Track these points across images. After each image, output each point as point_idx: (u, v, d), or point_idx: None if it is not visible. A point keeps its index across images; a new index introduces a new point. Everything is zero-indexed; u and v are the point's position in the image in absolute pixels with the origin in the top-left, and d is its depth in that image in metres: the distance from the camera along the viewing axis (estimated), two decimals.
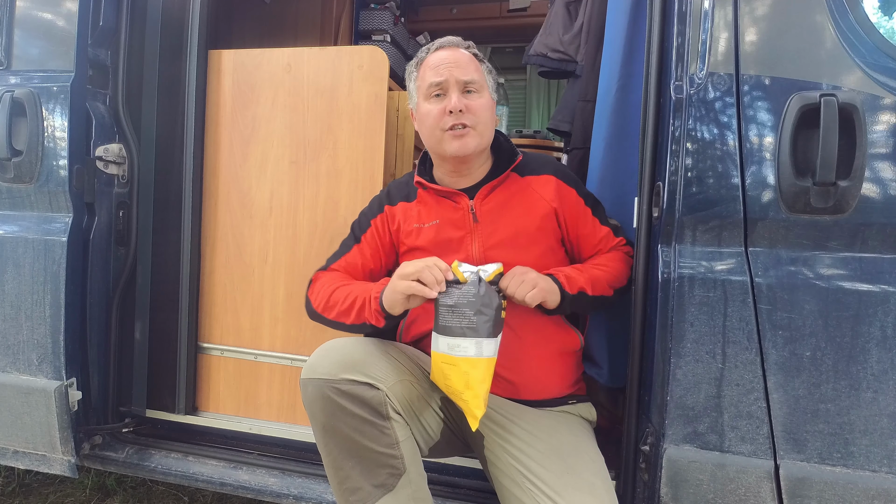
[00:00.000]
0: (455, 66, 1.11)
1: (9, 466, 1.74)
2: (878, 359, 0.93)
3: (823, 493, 0.94)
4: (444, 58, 1.12)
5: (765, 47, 0.99)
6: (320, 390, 0.97)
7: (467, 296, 0.96)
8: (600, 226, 1.18)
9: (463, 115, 1.08)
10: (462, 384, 0.96)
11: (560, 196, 1.16)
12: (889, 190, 0.93)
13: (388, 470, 0.99)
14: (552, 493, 0.94)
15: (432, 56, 1.14)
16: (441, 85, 1.10)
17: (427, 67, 1.14)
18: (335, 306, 1.10)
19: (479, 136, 1.11)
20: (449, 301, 0.97)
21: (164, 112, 1.50)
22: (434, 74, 1.11)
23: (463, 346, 0.95)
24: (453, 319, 0.96)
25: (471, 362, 0.95)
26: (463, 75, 1.10)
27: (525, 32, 2.93)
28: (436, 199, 1.18)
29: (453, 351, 0.96)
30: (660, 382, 1.03)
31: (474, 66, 1.13)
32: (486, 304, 0.96)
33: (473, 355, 0.95)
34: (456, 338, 0.96)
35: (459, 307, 0.96)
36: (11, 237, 1.37)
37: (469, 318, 0.95)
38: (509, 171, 1.17)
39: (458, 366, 0.95)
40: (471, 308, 0.95)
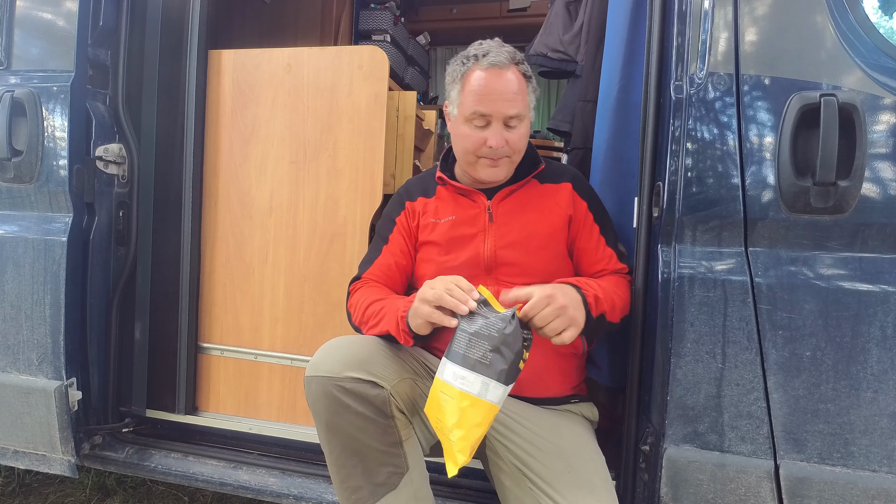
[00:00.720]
0: (502, 98, 1.06)
1: (9, 466, 1.74)
2: (878, 359, 0.93)
3: (823, 493, 0.94)
4: (493, 87, 1.06)
5: (765, 47, 0.99)
6: (324, 388, 0.97)
7: (491, 328, 0.88)
8: (605, 246, 1.16)
9: (503, 150, 1.09)
10: (454, 420, 0.87)
11: (573, 205, 1.17)
12: (889, 190, 0.93)
13: (390, 469, 0.99)
14: (553, 492, 0.94)
15: (480, 74, 1.07)
16: (485, 117, 1.08)
17: (473, 89, 1.08)
18: (369, 322, 1.09)
19: (512, 164, 1.14)
20: (470, 327, 0.89)
21: (164, 112, 1.50)
22: (478, 103, 1.07)
23: (469, 379, 0.87)
24: (468, 348, 0.88)
25: (471, 400, 0.86)
26: (509, 110, 1.07)
27: (525, 32, 2.93)
28: (454, 195, 1.19)
29: (457, 382, 0.87)
30: (660, 382, 1.03)
31: (521, 93, 1.09)
32: (507, 343, 0.88)
33: (476, 394, 0.86)
34: (464, 369, 0.87)
35: (479, 337, 0.88)
36: (11, 237, 1.37)
37: (485, 351, 0.87)
38: (531, 178, 1.18)
39: (456, 399, 0.87)
40: (490, 342, 0.87)
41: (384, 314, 1.06)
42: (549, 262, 1.14)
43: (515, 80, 1.08)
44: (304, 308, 1.50)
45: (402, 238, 1.22)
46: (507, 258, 1.13)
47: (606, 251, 1.16)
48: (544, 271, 1.13)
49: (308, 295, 1.50)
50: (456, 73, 1.13)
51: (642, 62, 1.13)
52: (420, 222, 1.21)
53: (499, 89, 1.07)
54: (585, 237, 1.16)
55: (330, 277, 1.48)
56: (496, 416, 0.91)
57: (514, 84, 1.08)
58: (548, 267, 1.13)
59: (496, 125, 1.08)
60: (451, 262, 1.15)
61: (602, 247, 1.16)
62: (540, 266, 1.13)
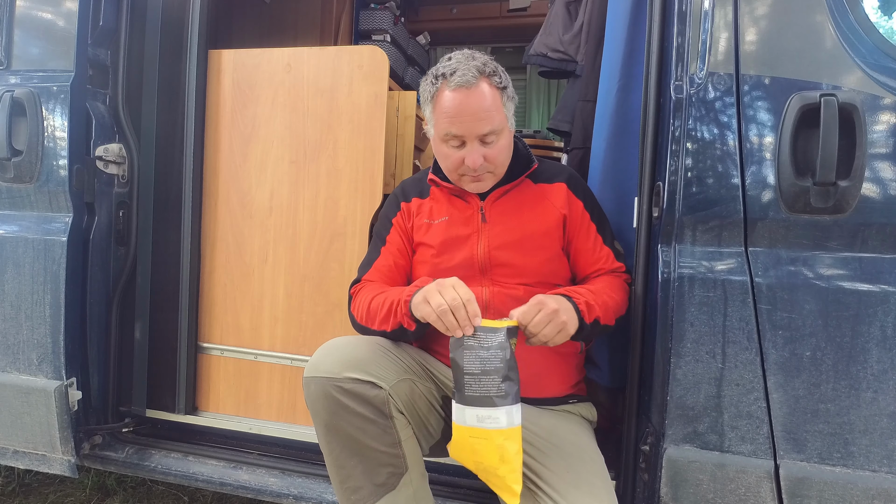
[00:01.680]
0: (474, 118, 1.04)
1: (9, 466, 1.74)
2: (878, 359, 0.93)
3: (823, 493, 0.94)
4: (463, 106, 1.03)
5: (765, 47, 0.99)
6: (323, 389, 0.97)
7: (494, 361, 0.88)
8: (602, 245, 1.16)
9: (483, 166, 1.08)
10: (496, 459, 0.87)
11: (569, 205, 1.16)
12: (889, 190, 0.93)
13: (389, 469, 0.99)
14: (552, 492, 0.94)
15: (450, 95, 1.04)
16: (458, 137, 1.07)
17: (444, 110, 1.06)
18: (375, 317, 1.08)
19: (495, 177, 1.13)
20: (474, 368, 0.88)
21: (164, 112, 1.50)
22: (450, 125, 1.05)
23: (494, 416, 0.87)
24: (481, 388, 0.88)
25: (504, 434, 0.87)
26: (482, 128, 1.04)
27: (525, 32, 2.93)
28: (448, 196, 1.19)
29: (484, 423, 0.87)
30: (660, 382, 1.03)
31: (495, 106, 1.05)
32: (511, 366, 0.89)
33: (506, 426, 0.87)
34: (486, 408, 0.87)
35: (487, 374, 0.88)
36: (11, 237, 1.37)
37: (498, 385, 0.87)
38: (524, 178, 1.17)
39: (491, 439, 0.87)
40: (499, 375, 0.87)
41: (389, 301, 1.06)
42: (544, 262, 1.14)
43: (488, 95, 1.04)
44: (304, 308, 1.50)
45: (399, 238, 1.22)
46: (502, 259, 1.13)
47: (603, 250, 1.16)
48: (539, 272, 1.12)
49: (308, 295, 1.50)
50: (427, 94, 1.10)
51: (642, 62, 1.13)
52: (415, 223, 1.21)
53: (469, 109, 1.03)
54: (583, 237, 1.16)
55: (330, 277, 1.48)
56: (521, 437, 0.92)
57: (487, 99, 1.04)
58: (543, 267, 1.13)
59: (472, 144, 1.06)
60: (445, 263, 1.15)
61: (599, 246, 1.16)
62: (535, 266, 1.12)
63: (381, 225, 1.25)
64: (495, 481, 0.90)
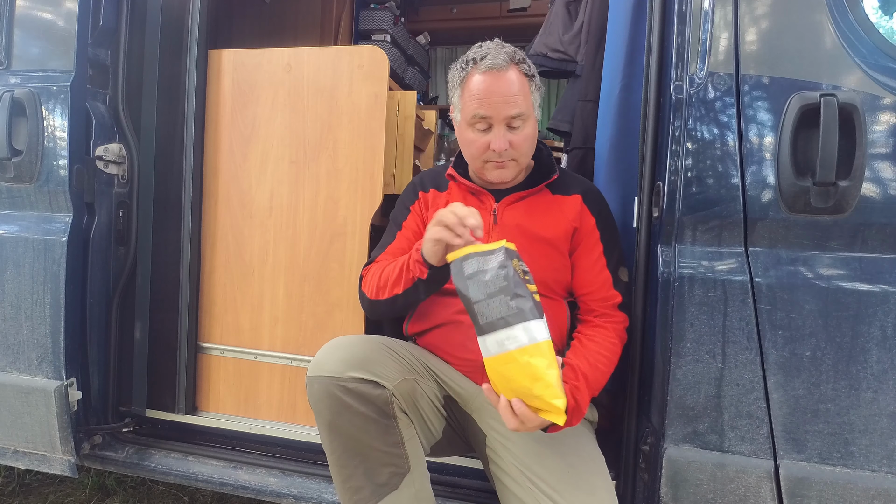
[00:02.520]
0: (503, 100, 1.05)
1: (9, 466, 1.74)
2: (878, 359, 0.93)
3: (823, 493, 0.94)
4: (493, 88, 1.05)
5: (765, 47, 0.99)
6: (326, 388, 0.97)
7: (497, 282, 0.86)
8: (603, 267, 1.14)
9: (507, 153, 1.08)
10: (529, 379, 0.85)
11: (581, 218, 1.15)
12: (889, 190, 0.93)
13: (391, 469, 0.99)
14: (552, 492, 0.94)
15: (479, 78, 1.06)
16: (486, 120, 1.07)
17: (472, 92, 1.07)
18: (387, 283, 1.08)
19: (519, 166, 1.13)
20: (481, 295, 0.87)
21: (164, 112, 1.50)
22: (479, 106, 1.06)
23: (512, 335, 0.85)
24: (492, 313, 0.86)
25: (528, 350, 0.84)
26: (510, 111, 1.05)
27: (525, 32, 2.93)
28: (464, 193, 1.20)
29: (504, 346, 0.85)
30: (660, 382, 1.03)
31: (524, 92, 1.07)
32: (518, 283, 0.86)
33: (528, 342, 0.84)
34: (502, 330, 0.85)
35: (494, 296, 0.86)
36: (11, 237, 1.37)
37: (507, 304, 0.85)
38: (542, 186, 1.17)
39: (516, 360, 0.85)
40: (506, 294, 0.86)
41: (400, 263, 1.06)
42: (549, 271, 1.13)
43: (516, 81, 1.07)
44: (304, 308, 1.50)
45: (416, 224, 1.22)
46: None
47: (602, 274, 1.13)
48: (543, 279, 1.12)
49: (308, 295, 1.50)
50: (456, 79, 1.12)
51: (644, 62, 1.13)
52: (430, 214, 1.20)
53: (498, 91, 1.05)
54: (585, 252, 1.14)
55: (330, 277, 1.48)
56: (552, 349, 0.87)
57: (515, 84, 1.06)
58: (547, 276, 1.12)
59: (498, 128, 1.07)
60: None
61: (599, 268, 1.13)
62: (540, 274, 1.12)
63: (397, 211, 1.26)
64: (537, 403, 0.86)
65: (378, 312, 1.15)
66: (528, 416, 0.87)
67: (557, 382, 0.85)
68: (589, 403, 1.01)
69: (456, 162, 1.23)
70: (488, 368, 0.89)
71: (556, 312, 1.13)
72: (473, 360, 1.10)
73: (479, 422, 1.09)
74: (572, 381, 0.98)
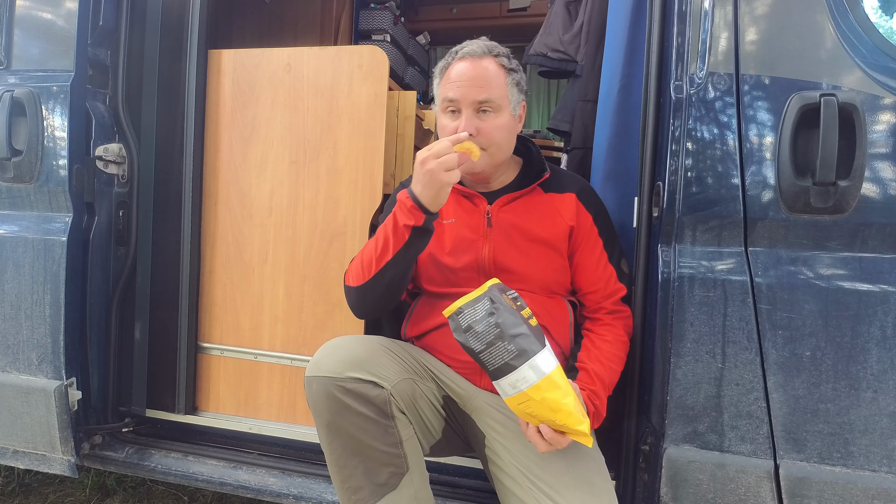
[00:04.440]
0: (472, 84, 1.06)
1: (9, 466, 1.74)
2: (878, 359, 0.93)
3: (823, 493, 0.94)
4: (464, 72, 1.07)
5: (765, 47, 0.99)
6: (325, 388, 0.97)
7: (491, 330, 0.88)
8: (607, 263, 1.14)
9: (473, 138, 1.07)
10: (549, 412, 0.88)
11: (577, 217, 1.15)
12: (889, 190, 0.93)
13: (391, 469, 0.99)
14: (552, 492, 0.94)
15: (455, 66, 1.09)
16: (454, 102, 1.08)
17: (447, 78, 1.10)
18: (371, 258, 1.06)
19: (488, 157, 1.10)
20: (480, 345, 0.89)
21: (164, 112, 1.50)
22: (448, 89, 1.08)
23: (522, 376, 0.87)
24: (496, 360, 0.88)
25: (541, 387, 0.87)
26: (478, 95, 1.06)
27: (525, 32, 2.93)
28: (456, 197, 1.18)
29: (517, 388, 0.88)
30: (660, 382, 1.03)
31: (497, 80, 1.08)
32: (512, 324, 0.88)
33: (537, 379, 0.87)
34: (511, 374, 0.88)
35: (493, 344, 0.88)
36: (11, 237, 1.37)
37: (507, 349, 0.87)
38: (534, 186, 1.16)
39: (532, 398, 0.88)
40: (502, 339, 0.88)
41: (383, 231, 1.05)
42: (548, 271, 1.13)
43: (491, 69, 1.08)
44: (304, 308, 1.50)
45: None
46: (506, 265, 1.12)
47: (607, 269, 1.14)
48: (542, 280, 1.12)
49: (308, 295, 1.50)
50: (438, 70, 1.15)
51: (643, 62, 1.13)
52: None
53: (469, 75, 1.07)
54: (587, 251, 1.14)
55: (330, 277, 1.48)
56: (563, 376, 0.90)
57: (488, 72, 1.07)
58: (546, 276, 1.12)
59: (466, 112, 1.07)
60: (453, 263, 1.14)
61: (603, 264, 1.14)
62: (537, 275, 1.12)
63: (386, 213, 1.24)
64: (565, 430, 0.90)
65: (364, 301, 1.12)
66: (556, 440, 0.91)
67: (576, 408, 0.89)
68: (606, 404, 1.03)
69: None
70: (511, 407, 0.92)
71: (559, 311, 1.13)
72: (471, 362, 1.10)
73: (479, 422, 1.09)
74: (589, 386, 1.00)
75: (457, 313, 0.91)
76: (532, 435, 0.93)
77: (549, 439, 0.91)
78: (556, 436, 0.91)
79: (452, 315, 0.91)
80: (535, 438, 0.93)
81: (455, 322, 0.91)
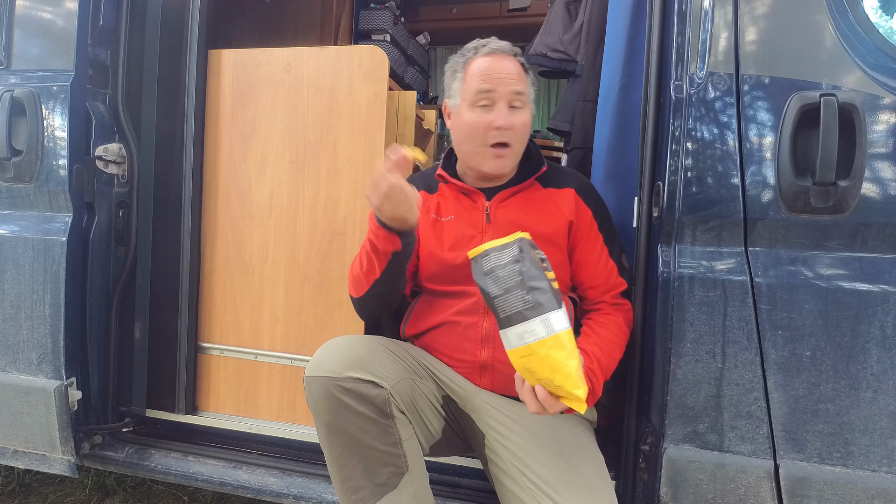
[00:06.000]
0: (507, 76, 1.09)
1: (9, 466, 1.74)
2: (878, 359, 0.93)
3: (823, 493, 0.94)
4: (496, 66, 1.10)
5: (765, 47, 0.99)
6: (325, 388, 0.97)
7: (513, 277, 0.87)
8: (608, 257, 1.14)
9: (508, 134, 1.08)
10: (549, 370, 0.86)
11: (577, 212, 1.15)
12: (889, 190, 0.93)
13: (390, 469, 0.99)
14: (552, 492, 0.94)
15: (482, 60, 1.11)
16: (490, 94, 1.08)
17: (476, 71, 1.10)
18: (360, 275, 1.10)
19: (515, 157, 1.13)
20: (498, 290, 0.88)
21: (164, 112, 1.50)
22: (484, 80, 1.09)
23: (531, 329, 0.86)
24: (510, 307, 0.87)
25: (546, 343, 0.86)
26: (514, 85, 1.09)
27: (525, 32, 2.93)
28: (455, 194, 1.19)
29: (523, 339, 0.87)
30: (660, 382, 1.03)
31: (523, 78, 1.12)
32: (534, 276, 0.87)
33: (546, 335, 0.86)
34: (521, 324, 0.87)
35: (511, 291, 0.87)
36: (11, 237, 1.37)
37: (524, 298, 0.86)
38: (532, 180, 1.17)
39: (535, 353, 0.86)
40: (521, 288, 0.87)
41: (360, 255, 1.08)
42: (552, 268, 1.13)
43: (516, 66, 1.12)
44: (304, 308, 1.50)
45: None
46: None
47: (608, 264, 1.14)
48: None
49: (308, 295, 1.50)
50: (456, 66, 1.15)
51: (643, 62, 1.13)
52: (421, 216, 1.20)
53: (502, 68, 1.10)
54: (588, 247, 1.14)
55: (330, 277, 1.48)
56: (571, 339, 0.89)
57: (515, 67, 1.11)
58: None
59: (501, 105, 1.09)
60: (452, 260, 1.15)
61: (604, 259, 1.14)
62: None
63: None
64: (560, 393, 0.88)
65: (367, 308, 1.16)
66: (549, 402, 0.89)
67: (577, 372, 0.87)
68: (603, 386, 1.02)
69: (444, 163, 1.22)
70: (512, 360, 0.90)
71: None
72: (471, 361, 1.10)
73: (479, 422, 1.10)
74: (587, 364, 0.99)
75: (482, 255, 0.91)
76: (526, 393, 0.91)
77: (542, 400, 0.89)
78: (549, 398, 0.88)
79: (477, 257, 0.92)
80: (529, 397, 0.91)
81: (478, 263, 0.91)
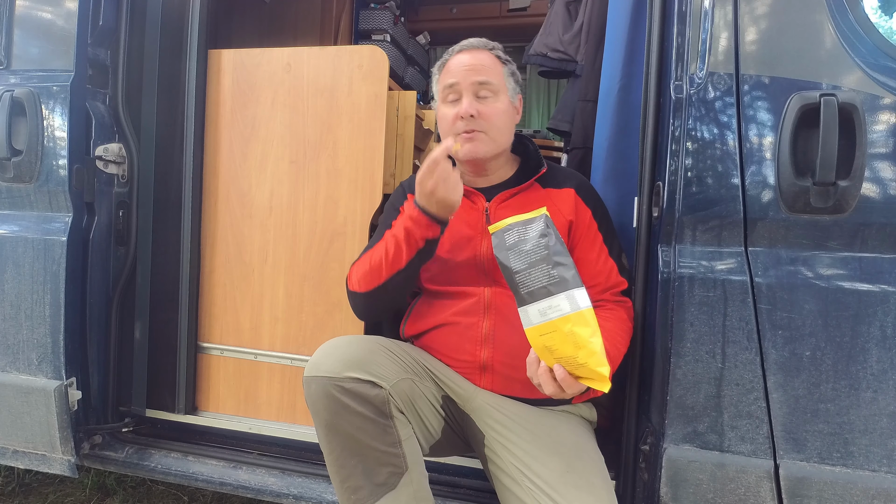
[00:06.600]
0: (471, 69, 1.12)
1: (9, 466, 1.74)
2: (878, 359, 0.93)
3: (823, 493, 0.94)
4: (462, 60, 1.14)
5: (765, 47, 0.99)
6: (324, 388, 0.97)
7: (538, 251, 0.87)
8: (607, 257, 1.14)
9: (474, 121, 1.09)
10: (572, 347, 0.84)
11: (576, 212, 1.15)
12: (889, 190, 0.93)
13: (389, 469, 0.99)
14: (552, 492, 0.94)
15: (453, 59, 1.16)
16: (454, 87, 1.12)
17: (446, 70, 1.16)
18: (381, 264, 1.07)
19: (491, 142, 1.12)
20: (522, 265, 0.87)
21: (164, 112, 1.50)
22: (449, 76, 1.14)
23: (555, 304, 0.85)
24: (533, 282, 0.86)
25: (571, 319, 0.84)
26: (477, 76, 1.11)
27: (525, 32, 2.93)
28: None
29: (546, 315, 0.85)
30: (660, 382, 1.03)
31: (494, 69, 1.14)
32: (559, 252, 0.87)
33: (571, 311, 0.84)
34: (545, 300, 0.85)
35: (536, 266, 0.86)
36: (11, 237, 1.37)
37: (549, 273, 0.85)
38: (532, 181, 1.17)
39: (558, 329, 0.84)
40: (547, 263, 0.86)
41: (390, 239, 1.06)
42: None
43: (487, 58, 1.14)
44: (304, 308, 1.50)
45: None
46: None
47: (608, 263, 1.14)
48: None
49: (308, 295, 1.50)
50: (435, 71, 1.21)
51: (643, 62, 1.13)
52: None
53: (467, 62, 1.13)
54: (587, 246, 1.14)
55: (330, 277, 1.48)
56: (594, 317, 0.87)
57: (485, 59, 1.14)
58: None
59: (466, 95, 1.11)
60: (452, 260, 1.15)
61: (604, 258, 1.14)
62: None
63: (386, 214, 1.25)
64: (582, 371, 0.86)
65: (373, 305, 1.14)
66: (568, 382, 0.87)
67: (601, 350, 0.85)
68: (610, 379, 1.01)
69: None
70: (530, 338, 0.88)
71: None
72: (470, 362, 1.10)
73: (478, 422, 1.09)
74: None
75: (504, 230, 0.91)
76: (543, 374, 0.89)
77: (561, 380, 0.86)
78: (568, 378, 0.86)
79: (498, 231, 0.91)
80: (546, 378, 0.88)
81: (499, 238, 0.91)
